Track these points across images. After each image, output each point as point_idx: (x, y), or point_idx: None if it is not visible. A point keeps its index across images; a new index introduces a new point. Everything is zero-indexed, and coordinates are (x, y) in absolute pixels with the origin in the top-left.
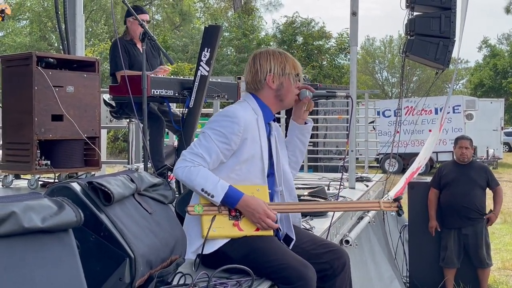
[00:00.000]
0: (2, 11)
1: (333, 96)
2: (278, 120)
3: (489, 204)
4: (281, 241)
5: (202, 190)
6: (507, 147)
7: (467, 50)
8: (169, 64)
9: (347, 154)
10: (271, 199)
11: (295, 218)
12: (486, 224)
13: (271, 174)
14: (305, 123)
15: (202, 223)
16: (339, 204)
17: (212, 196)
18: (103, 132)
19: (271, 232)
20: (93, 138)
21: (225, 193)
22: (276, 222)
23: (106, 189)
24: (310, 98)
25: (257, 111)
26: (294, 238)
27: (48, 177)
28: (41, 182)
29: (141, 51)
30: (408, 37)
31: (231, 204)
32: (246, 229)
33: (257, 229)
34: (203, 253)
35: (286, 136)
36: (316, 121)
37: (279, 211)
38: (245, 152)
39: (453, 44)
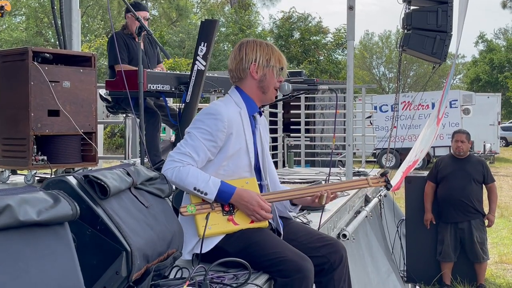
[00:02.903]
0: (2, 7)
1: (314, 89)
2: (275, 115)
3: (484, 200)
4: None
5: (195, 188)
6: (504, 141)
7: (464, 45)
8: (165, 58)
9: (334, 149)
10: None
11: (285, 210)
12: (486, 225)
13: (257, 168)
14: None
15: (197, 222)
16: (328, 186)
17: (206, 194)
18: (100, 127)
19: (266, 223)
20: (89, 133)
21: (218, 189)
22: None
23: (102, 183)
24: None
25: (240, 104)
26: (282, 233)
27: (44, 173)
28: (38, 178)
29: (141, 47)
30: (405, 32)
31: (225, 200)
32: (241, 223)
33: (252, 222)
34: (199, 252)
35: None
36: (313, 116)
37: (271, 201)
38: (231, 147)
39: (450, 38)
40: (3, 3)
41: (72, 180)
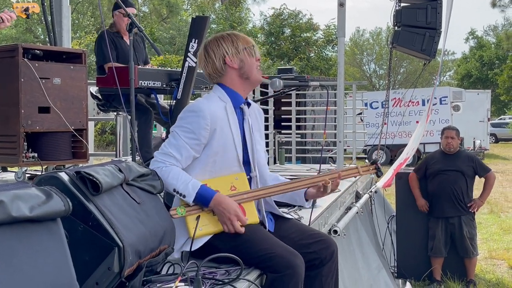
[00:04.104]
0: (27, 8)
1: (305, 85)
2: (266, 112)
3: (477, 194)
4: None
5: (174, 190)
6: (493, 138)
7: (454, 41)
8: (157, 55)
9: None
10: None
11: (267, 205)
12: (472, 211)
13: (246, 161)
14: (306, 200)
15: (187, 223)
16: (317, 178)
17: (184, 196)
18: (91, 124)
19: (256, 219)
20: (80, 130)
21: (196, 192)
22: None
23: (94, 179)
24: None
25: (224, 99)
26: (268, 227)
27: (35, 170)
28: (28, 175)
29: (128, 44)
30: (396, 29)
31: (204, 203)
32: None
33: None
34: (192, 249)
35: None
36: (304, 112)
37: (258, 198)
38: (216, 143)
39: (439, 35)
40: (30, 5)
41: (64, 176)
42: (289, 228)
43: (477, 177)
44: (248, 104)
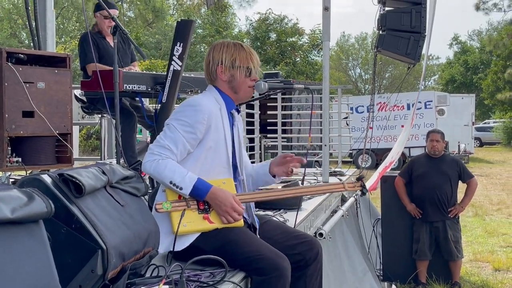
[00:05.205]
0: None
1: (290, 88)
2: (252, 116)
3: (459, 198)
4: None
5: (171, 182)
6: (478, 142)
7: (439, 46)
8: (142, 59)
9: (309, 150)
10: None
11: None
12: (449, 214)
13: (234, 164)
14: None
15: (172, 219)
16: (305, 189)
17: (181, 189)
18: (75, 129)
19: (241, 223)
20: (64, 135)
21: (193, 185)
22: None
23: (77, 181)
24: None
25: (219, 101)
26: (258, 227)
27: (19, 174)
28: (12, 180)
29: (111, 45)
30: (380, 32)
31: (200, 196)
32: (217, 221)
33: None
34: (175, 249)
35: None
36: (290, 116)
37: (246, 201)
38: (210, 139)
39: (424, 39)
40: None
41: (46, 178)
42: (275, 229)
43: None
44: (238, 111)
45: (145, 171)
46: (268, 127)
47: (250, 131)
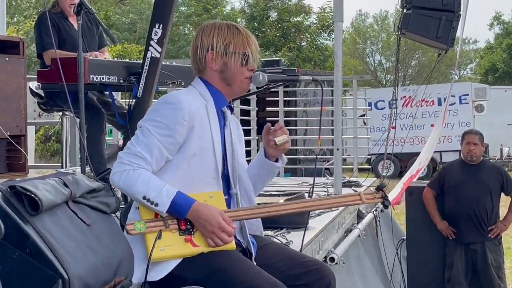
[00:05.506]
0: None
1: (294, 80)
2: (247, 113)
3: (502, 213)
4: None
5: (144, 198)
6: None
7: (477, 28)
8: (112, 44)
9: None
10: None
11: (251, 226)
12: (490, 234)
13: (225, 175)
14: (277, 161)
15: (147, 243)
16: (312, 202)
17: (156, 205)
18: (30, 129)
19: (233, 245)
20: (17, 137)
21: (171, 200)
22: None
23: (33, 195)
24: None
25: (206, 97)
26: (254, 252)
27: None
28: None
29: (75, 27)
30: (405, 11)
31: (181, 214)
32: (202, 244)
33: None
34: (151, 279)
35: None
36: (294, 114)
37: (239, 219)
38: (193, 144)
39: (459, 19)
40: None
41: None
42: (276, 255)
43: (502, 194)
44: (231, 109)
45: (113, 184)
46: None
47: (245, 132)
